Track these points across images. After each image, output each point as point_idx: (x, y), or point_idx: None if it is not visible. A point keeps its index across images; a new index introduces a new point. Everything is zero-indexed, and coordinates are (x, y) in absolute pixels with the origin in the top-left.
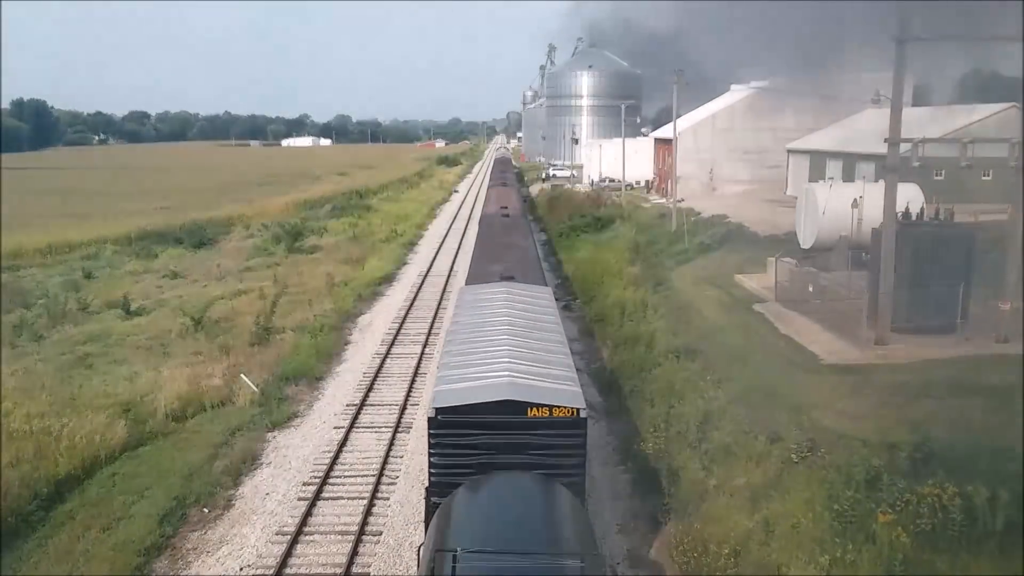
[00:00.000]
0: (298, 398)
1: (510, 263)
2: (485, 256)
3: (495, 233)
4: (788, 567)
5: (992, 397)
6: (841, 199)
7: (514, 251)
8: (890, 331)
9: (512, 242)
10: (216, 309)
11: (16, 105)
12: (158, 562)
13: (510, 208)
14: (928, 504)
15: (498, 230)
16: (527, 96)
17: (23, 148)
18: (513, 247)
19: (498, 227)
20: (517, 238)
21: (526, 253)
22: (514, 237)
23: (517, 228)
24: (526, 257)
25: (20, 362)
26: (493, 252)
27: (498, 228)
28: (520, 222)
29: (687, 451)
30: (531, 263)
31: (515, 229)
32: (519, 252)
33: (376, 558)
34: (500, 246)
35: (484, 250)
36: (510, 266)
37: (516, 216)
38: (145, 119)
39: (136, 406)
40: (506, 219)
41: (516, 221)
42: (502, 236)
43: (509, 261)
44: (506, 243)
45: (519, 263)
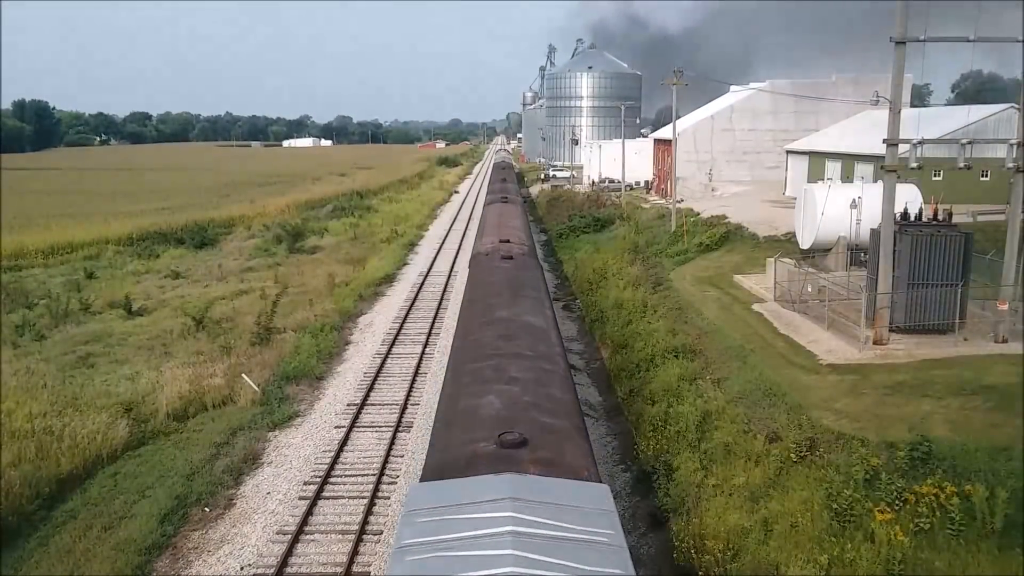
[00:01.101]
0: (299, 398)
1: (516, 400)
2: (467, 376)
3: (490, 293)
4: (787, 566)
5: (990, 397)
6: (840, 200)
7: (521, 361)
8: (888, 331)
9: (518, 320)
10: (217, 309)
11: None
12: (159, 561)
13: (513, 241)
14: (927, 503)
15: (497, 287)
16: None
17: (25, 149)
18: (521, 333)
19: (497, 282)
20: (527, 309)
21: (551, 361)
22: (522, 305)
23: (527, 285)
24: (551, 376)
25: (22, 362)
26: (481, 353)
27: (497, 284)
28: (531, 273)
29: (686, 450)
30: (565, 409)
31: (523, 287)
32: (532, 363)
33: (376, 557)
34: (497, 338)
35: (467, 353)
36: (516, 409)
37: (523, 256)
38: (147, 120)
39: (138, 406)
40: (508, 263)
41: (525, 269)
42: (501, 304)
43: (513, 389)
44: (508, 327)
45: (537, 404)
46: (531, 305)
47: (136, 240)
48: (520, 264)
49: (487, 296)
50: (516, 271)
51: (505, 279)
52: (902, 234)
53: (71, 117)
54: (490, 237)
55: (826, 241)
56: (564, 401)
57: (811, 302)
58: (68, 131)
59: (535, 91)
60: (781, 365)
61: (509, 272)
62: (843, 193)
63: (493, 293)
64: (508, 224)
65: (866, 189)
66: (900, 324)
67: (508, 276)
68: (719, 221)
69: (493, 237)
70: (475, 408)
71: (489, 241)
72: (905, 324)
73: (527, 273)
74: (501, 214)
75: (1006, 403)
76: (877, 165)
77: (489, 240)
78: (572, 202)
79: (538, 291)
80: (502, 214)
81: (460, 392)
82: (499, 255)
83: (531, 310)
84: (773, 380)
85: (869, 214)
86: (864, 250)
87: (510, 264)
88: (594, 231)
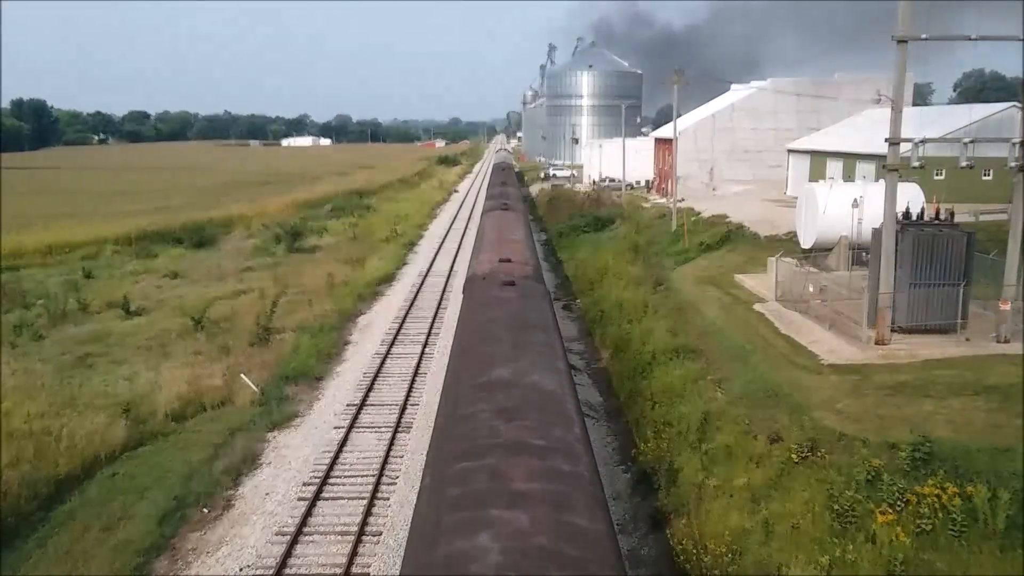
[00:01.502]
0: (298, 398)
1: (524, 542)
2: (454, 488)
3: (486, 338)
4: (788, 567)
5: (992, 397)
6: (841, 199)
7: (530, 460)
8: (890, 331)
9: (523, 383)
10: (216, 309)
11: (16, 105)
12: (158, 562)
13: (516, 260)
14: (928, 504)
15: (495, 327)
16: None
17: (23, 148)
18: (527, 407)
19: (496, 320)
20: (535, 363)
21: (571, 458)
22: (528, 356)
23: (533, 323)
24: (573, 487)
25: (20, 362)
26: (472, 445)
27: (496, 323)
28: (538, 304)
29: (687, 451)
30: (597, 552)
31: (529, 327)
32: (544, 460)
33: (376, 558)
34: (495, 416)
35: (454, 442)
36: (524, 564)
37: (527, 280)
38: (145, 119)
39: (136, 406)
40: (510, 291)
41: (530, 298)
42: (501, 355)
43: (519, 518)
44: (510, 395)
45: (557, 551)
46: (540, 356)
47: (134, 240)
48: (524, 292)
49: (483, 341)
50: (520, 302)
51: (506, 315)
52: (904, 234)
53: (69, 116)
54: (488, 255)
55: (827, 240)
56: (594, 536)
57: (812, 302)
58: (66, 130)
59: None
60: (782, 365)
61: (511, 304)
62: (845, 192)
63: (490, 337)
64: (509, 238)
65: (868, 188)
66: (902, 324)
67: (510, 311)
68: (720, 220)
69: (492, 254)
70: (462, 561)
71: (487, 260)
72: (907, 324)
73: (533, 305)
74: (501, 225)
75: (1008, 403)
76: (879, 164)
77: (487, 259)
78: (572, 201)
79: (548, 332)
80: (502, 225)
81: (441, 526)
82: (499, 279)
83: (540, 363)
84: (774, 380)
85: (871, 213)
86: (866, 250)
87: (512, 292)
88: (594, 231)
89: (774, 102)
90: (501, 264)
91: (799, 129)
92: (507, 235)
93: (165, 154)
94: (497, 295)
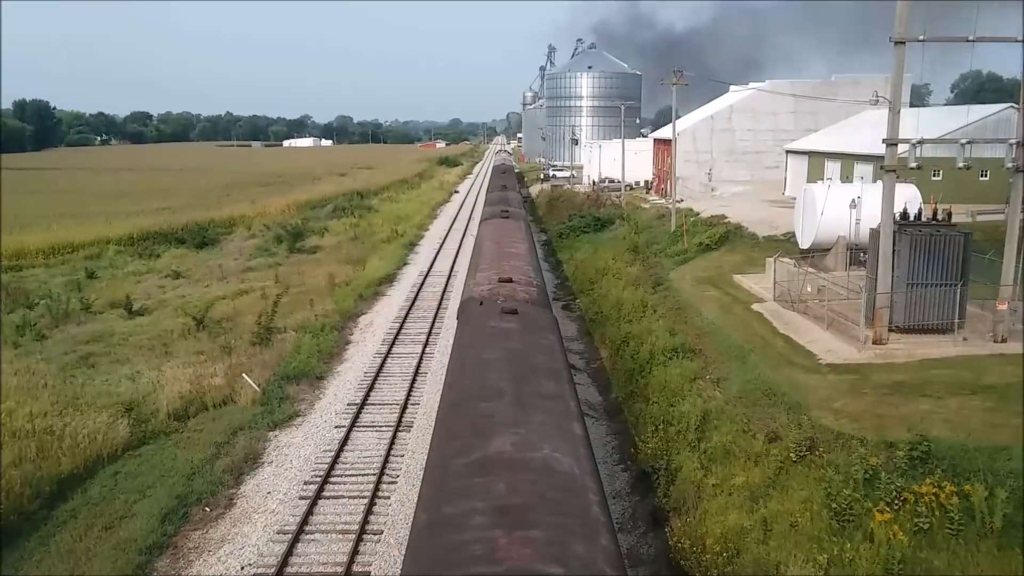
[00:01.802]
0: (299, 397)
1: None
2: None
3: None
4: (787, 566)
5: (990, 397)
6: (839, 200)
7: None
8: (888, 331)
9: (531, 460)
10: (218, 309)
11: (18, 106)
12: (160, 561)
13: (518, 280)
14: (926, 503)
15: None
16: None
17: (25, 148)
18: (538, 503)
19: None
20: (544, 427)
21: None
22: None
23: (540, 367)
24: None
25: (23, 361)
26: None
27: (494, 366)
28: (546, 340)
29: (686, 450)
30: None
31: (535, 373)
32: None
33: (377, 557)
34: (493, 520)
35: (437, 560)
36: None
37: (532, 306)
38: (147, 120)
39: (138, 405)
40: (511, 321)
41: (536, 330)
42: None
43: None
44: (514, 480)
45: None
46: (550, 417)
47: (137, 240)
48: (529, 323)
49: (478, 394)
50: (524, 337)
51: (507, 356)
52: (901, 234)
53: (72, 117)
54: (486, 273)
55: (826, 241)
56: None
57: (811, 302)
58: (69, 131)
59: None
60: (781, 365)
61: (513, 339)
62: (843, 193)
63: (487, 389)
64: (510, 251)
65: (865, 189)
66: (899, 324)
67: (512, 349)
68: (719, 221)
69: (490, 272)
70: None
71: (485, 279)
72: (904, 324)
73: (540, 341)
74: (501, 236)
75: (1005, 403)
76: (877, 165)
77: (485, 278)
78: (572, 202)
79: (559, 379)
80: (502, 236)
81: None
82: (498, 305)
83: (551, 429)
84: (773, 380)
85: (868, 214)
86: (864, 250)
87: (514, 323)
88: (594, 231)
89: (772, 103)
90: (501, 285)
91: (797, 130)
92: (508, 248)
93: (167, 155)
94: (496, 327)
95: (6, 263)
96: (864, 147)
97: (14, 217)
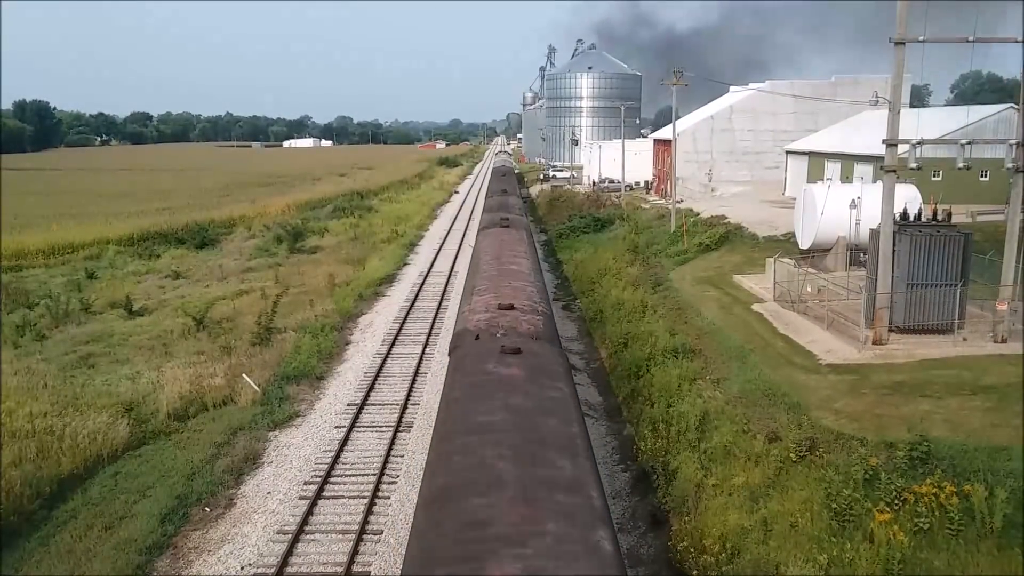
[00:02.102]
0: (299, 397)
1: None
2: None
3: (479, 470)
4: (787, 566)
5: (990, 397)
6: (839, 200)
7: None
8: (888, 331)
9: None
10: (218, 309)
11: (18, 106)
12: (160, 561)
13: (521, 307)
14: (926, 503)
15: (492, 442)
16: (527, 98)
17: (25, 149)
18: None
19: (495, 428)
20: (560, 545)
21: None
22: (549, 520)
23: (551, 436)
24: None
25: (23, 362)
26: None
27: (495, 430)
28: (559, 392)
29: (686, 450)
30: None
31: (544, 445)
32: None
33: (377, 557)
34: None
35: None
36: None
37: (538, 342)
38: (147, 120)
39: (138, 406)
40: (514, 363)
41: (544, 377)
42: (502, 510)
43: None
44: None
45: None
46: (569, 522)
47: (137, 240)
48: (536, 366)
49: (470, 481)
50: (529, 387)
51: (509, 418)
52: (901, 234)
53: (72, 117)
54: (484, 296)
55: (826, 241)
56: None
57: (811, 302)
58: (69, 131)
59: (535, 91)
60: (781, 365)
61: (516, 391)
62: (843, 193)
63: (483, 472)
64: (511, 268)
65: (865, 189)
66: (899, 324)
67: (515, 408)
68: (719, 221)
69: (488, 296)
70: None
71: (482, 306)
72: (904, 324)
73: (550, 393)
74: (501, 250)
75: (1005, 403)
76: (876, 165)
77: (482, 304)
78: (572, 202)
79: (575, 454)
80: (502, 250)
81: None
82: (498, 341)
83: (569, 545)
84: (773, 380)
85: (868, 214)
86: (863, 250)
87: (517, 366)
88: (594, 231)
89: (772, 103)
90: (501, 313)
91: (797, 130)
92: (508, 264)
93: (167, 155)
94: (496, 372)
95: (6, 263)
96: (864, 147)
97: (14, 217)
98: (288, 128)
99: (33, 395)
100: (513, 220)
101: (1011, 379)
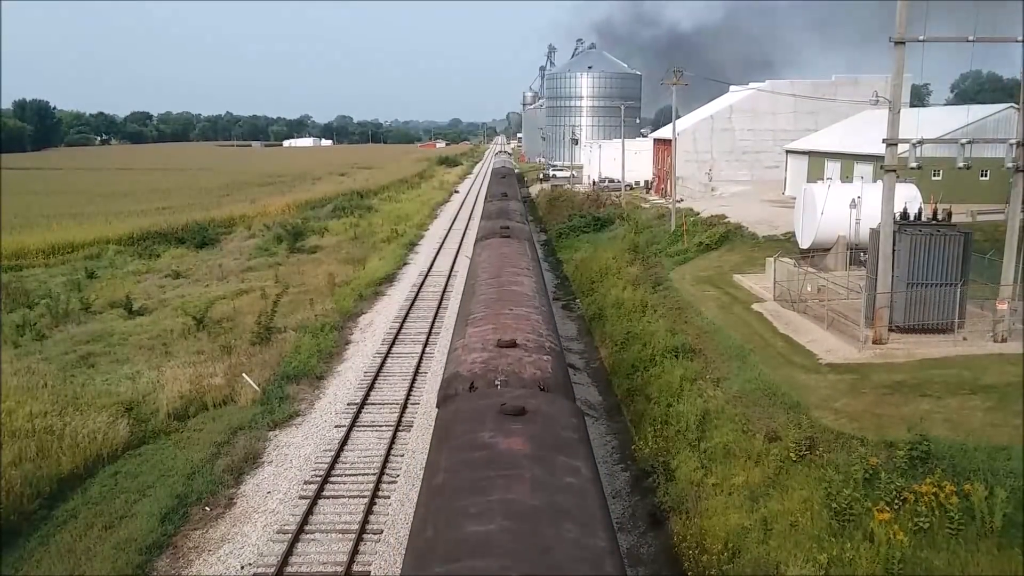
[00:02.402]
0: (299, 397)
1: None
2: None
3: None
4: (787, 565)
5: (989, 396)
6: (839, 199)
7: None
8: (888, 330)
9: None
10: (218, 309)
11: (18, 106)
12: (159, 560)
13: (524, 343)
14: (926, 502)
15: (488, 551)
16: (527, 97)
17: (25, 148)
18: None
19: (491, 543)
20: None
21: None
22: None
23: (570, 560)
24: None
25: (23, 361)
26: None
27: (490, 541)
28: (576, 479)
29: (686, 449)
30: None
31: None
32: None
33: (377, 556)
34: None
35: None
36: None
37: (547, 397)
38: (147, 120)
39: (138, 405)
40: (515, 430)
41: (555, 450)
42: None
43: None
44: None
45: None
46: None
47: (137, 240)
48: (546, 437)
49: None
50: (538, 471)
51: (511, 523)
52: (901, 234)
53: (72, 117)
54: (480, 329)
55: (826, 241)
56: None
57: (810, 302)
58: (69, 131)
59: (535, 91)
60: (780, 364)
61: (522, 479)
62: (843, 193)
63: None
64: (513, 289)
65: (865, 189)
66: (899, 324)
67: (520, 512)
68: (719, 221)
69: (485, 328)
70: None
71: (478, 341)
72: (904, 324)
73: (566, 478)
74: (500, 266)
75: (1005, 402)
76: (877, 165)
77: (478, 338)
78: (572, 202)
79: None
80: (502, 266)
81: None
82: (496, 397)
83: None
84: (772, 379)
85: (868, 214)
86: (863, 250)
87: (522, 434)
88: (594, 231)
89: (772, 103)
90: (500, 352)
91: (797, 130)
92: (509, 284)
93: (167, 155)
94: (492, 444)
95: (6, 263)
96: (864, 147)
97: (14, 217)
98: (288, 128)
99: (33, 395)
100: (514, 229)
101: (1011, 379)
